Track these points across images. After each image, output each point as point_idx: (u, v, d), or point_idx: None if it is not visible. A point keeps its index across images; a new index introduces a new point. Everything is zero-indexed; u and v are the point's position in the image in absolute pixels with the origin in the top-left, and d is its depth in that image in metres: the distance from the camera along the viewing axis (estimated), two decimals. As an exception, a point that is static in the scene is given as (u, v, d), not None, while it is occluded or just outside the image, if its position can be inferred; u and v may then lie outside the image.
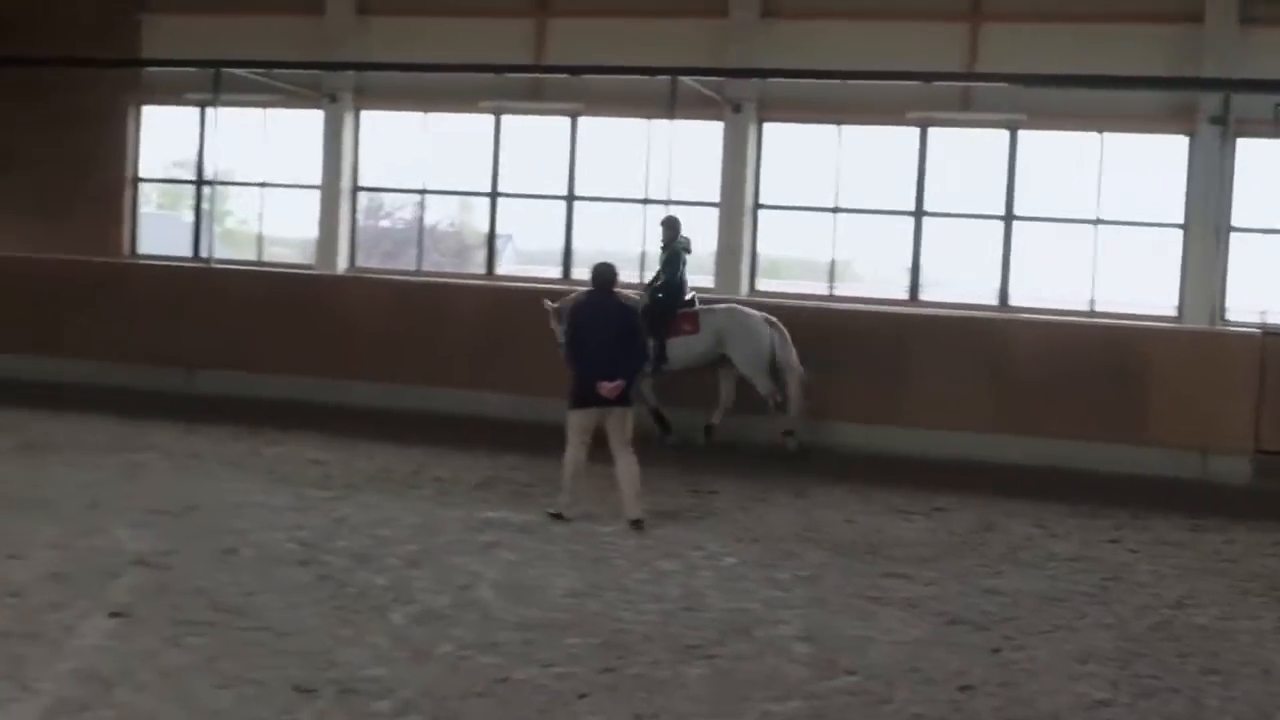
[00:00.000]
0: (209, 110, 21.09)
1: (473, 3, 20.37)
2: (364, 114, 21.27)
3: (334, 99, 20.88)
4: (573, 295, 14.79)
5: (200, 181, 21.87)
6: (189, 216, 22.49)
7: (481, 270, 21.09)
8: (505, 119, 20.73)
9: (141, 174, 22.45)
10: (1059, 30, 18.17)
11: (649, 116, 19.54)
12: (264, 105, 21.20)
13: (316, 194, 21.23)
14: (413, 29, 20.59)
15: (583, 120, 20.40)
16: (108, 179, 22.15)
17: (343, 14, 20.93)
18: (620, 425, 10.81)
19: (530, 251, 22.80)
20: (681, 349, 15.37)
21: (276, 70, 20.06)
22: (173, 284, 18.64)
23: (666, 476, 12.74)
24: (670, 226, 15.80)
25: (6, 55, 21.09)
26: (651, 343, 14.15)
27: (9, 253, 19.74)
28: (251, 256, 21.72)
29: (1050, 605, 8.85)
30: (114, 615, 7.32)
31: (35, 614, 7.25)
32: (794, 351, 15.15)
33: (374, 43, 20.71)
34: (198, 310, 18.07)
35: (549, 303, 15.09)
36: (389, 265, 21.57)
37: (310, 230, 21.62)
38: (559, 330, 14.12)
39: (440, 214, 22.47)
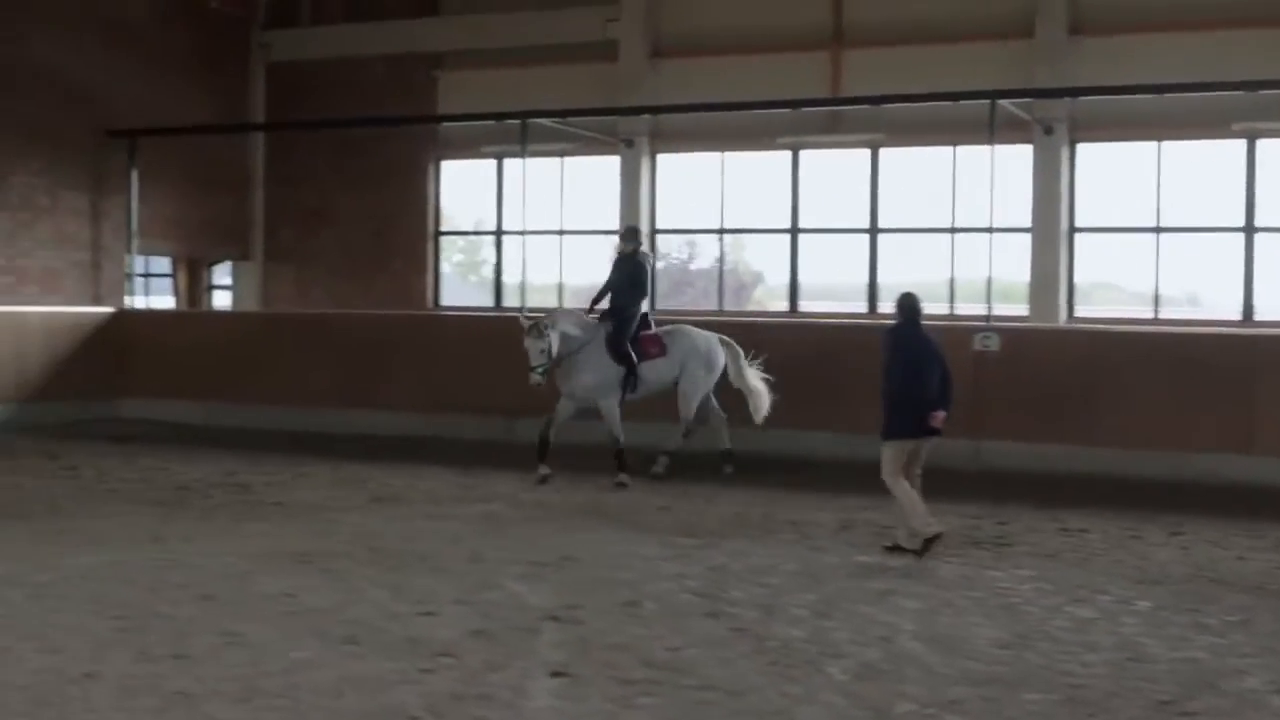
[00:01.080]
0: (506, 161, 21.45)
1: (765, 40, 20.23)
2: (660, 157, 21.27)
3: (630, 144, 20.93)
4: (557, 314, 14.70)
5: (500, 232, 22.16)
6: (485, 270, 22.84)
7: (758, 306, 20.86)
8: (803, 154, 20.48)
9: (442, 227, 22.90)
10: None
11: (952, 144, 19.06)
12: (560, 154, 21.39)
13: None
14: (703, 69, 20.57)
15: (884, 151, 20.02)
16: (410, 234, 22.65)
17: (635, 59, 20.98)
18: (923, 454, 10.86)
19: (818, 287, 22.47)
20: (651, 374, 14.53)
21: (573, 118, 20.25)
22: (486, 333, 18.83)
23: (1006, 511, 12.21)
24: (632, 237, 14.71)
25: (317, 119, 21.79)
26: (617, 372, 14.24)
27: (322, 309, 20.33)
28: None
29: None
30: (556, 675, 7.16)
31: (478, 675, 7.14)
32: (752, 372, 14.91)
33: (666, 86, 20.75)
34: (513, 359, 18.18)
35: (524, 319, 14.49)
36: (684, 305, 21.50)
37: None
38: (536, 348, 13.90)
39: (713, 253, 22.39)
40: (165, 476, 14.59)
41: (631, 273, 14.40)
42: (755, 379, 14.95)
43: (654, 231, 21.29)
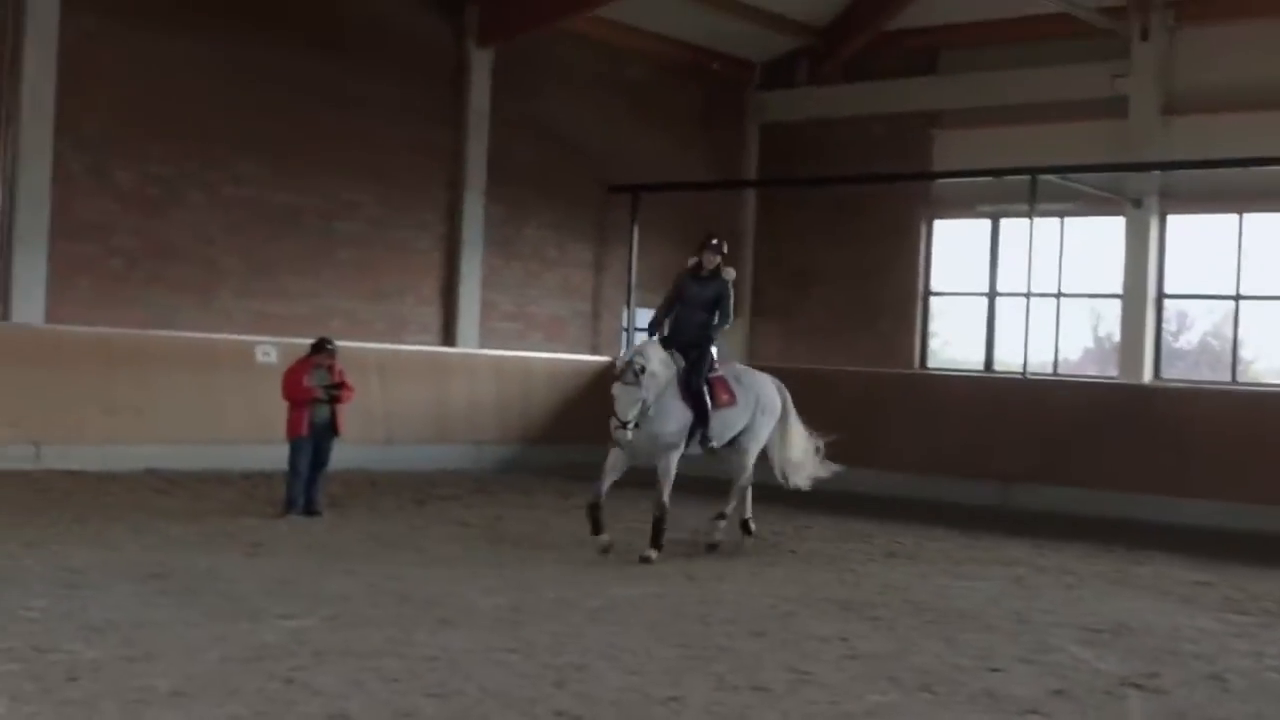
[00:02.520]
0: (1003, 221, 20.93)
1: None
2: (1170, 218, 20.22)
3: (1138, 204, 19.99)
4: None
5: (994, 294, 21.59)
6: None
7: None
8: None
9: (933, 288, 22.55)
10: None
11: None
12: (1062, 214, 20.66)
13: (1115, 303, 20.41)
14: (1218, 126, 19.50)
15: None
16: (900, 293, 22.42)
17: (1146, 115, 20.07)
18: None
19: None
20: (720, 425, 12.08)
21: (1076, 177, 19.54)
22: (984, 395, 18.33)
23: None
24: (716, 249, 12.13)
25: (815, 177, 21.95)
26: (690, 420, 11.80)
27: (809, 365, 20.32)
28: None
29: None
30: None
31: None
32: (799, 431, 13.12)
33: (1179, 143, 19.74)
34: (1013, 422, 17.62)
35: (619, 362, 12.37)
36: (1192, 376, 20.30)
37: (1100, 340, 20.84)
38: (629, 399, 11.42)
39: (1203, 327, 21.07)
40: (674, 519, 14.71)
41: (717, 295, 12.16)
42: (800, 442, 13.14)
43: (1161, 296, 20.19)
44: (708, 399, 11.99)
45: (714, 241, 12.23)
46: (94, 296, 16.84)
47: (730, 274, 12.21)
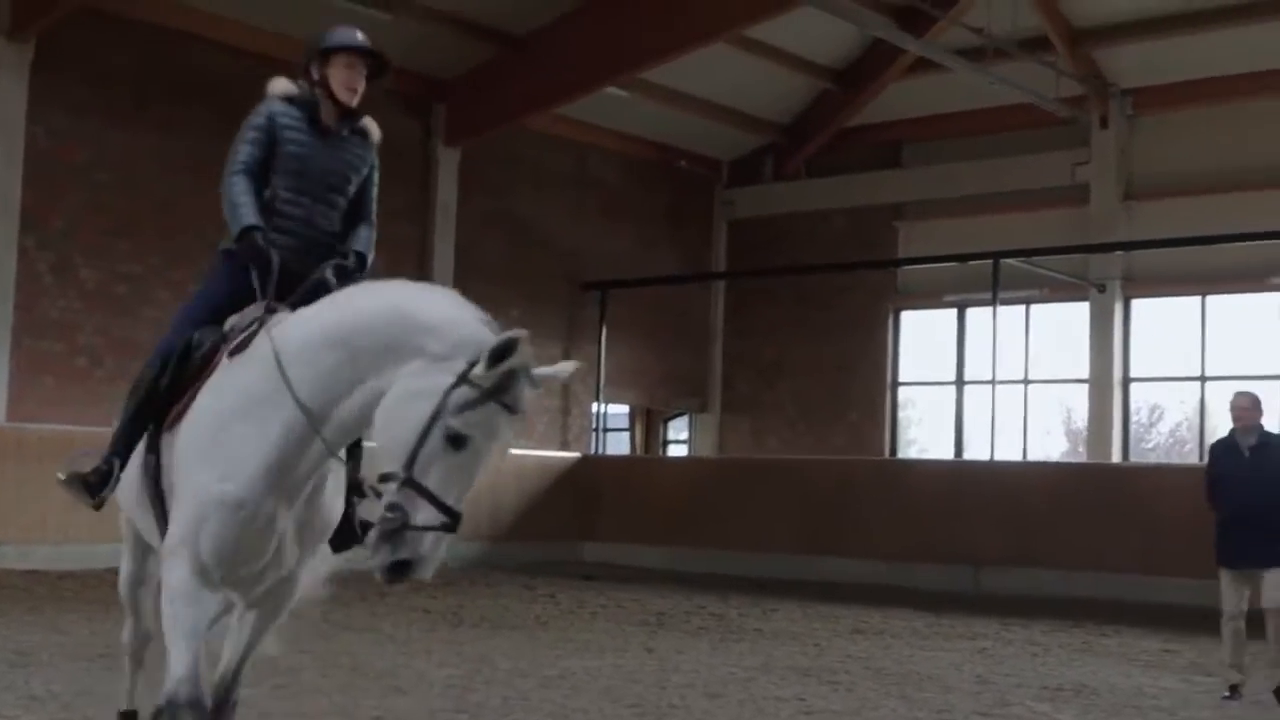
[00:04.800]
0: (969, 310, 21.08)
1: (1243, 178, 19.16)
2: (1134, 302, 20.36)
3: (1102, 289, 20.12)
4: None
5: (961, 382, 21.62)
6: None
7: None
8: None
9: (901, 378, 22.60)
10: None
11: None
12: (1027, 301, 20.78)
13: (1083, 388, 20.47)
14: (1179, 209, 19.68)
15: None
16: (868, 385, 22.46)
17: (1107, 201, 20.28)
18: None
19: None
20: None
21: (1041, 263, 19.72)
22: (952, 481, 18.29)
23: None
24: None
25: (780, 267, 22.13)
26: None
27: (780, 456, 20.32)
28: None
29: None
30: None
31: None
32: None
33: (1140, 228, 19.94)
34: (982, 506, 17.56)
35: None
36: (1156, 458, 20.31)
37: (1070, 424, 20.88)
38: None
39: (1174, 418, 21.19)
40: (640, 605, 14.64)
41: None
42: None
43: (1126, 380, 20.25)
44: None
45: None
46: (58, 395, 16.75)
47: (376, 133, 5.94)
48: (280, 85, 5.72)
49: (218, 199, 5.58)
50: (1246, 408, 9.75)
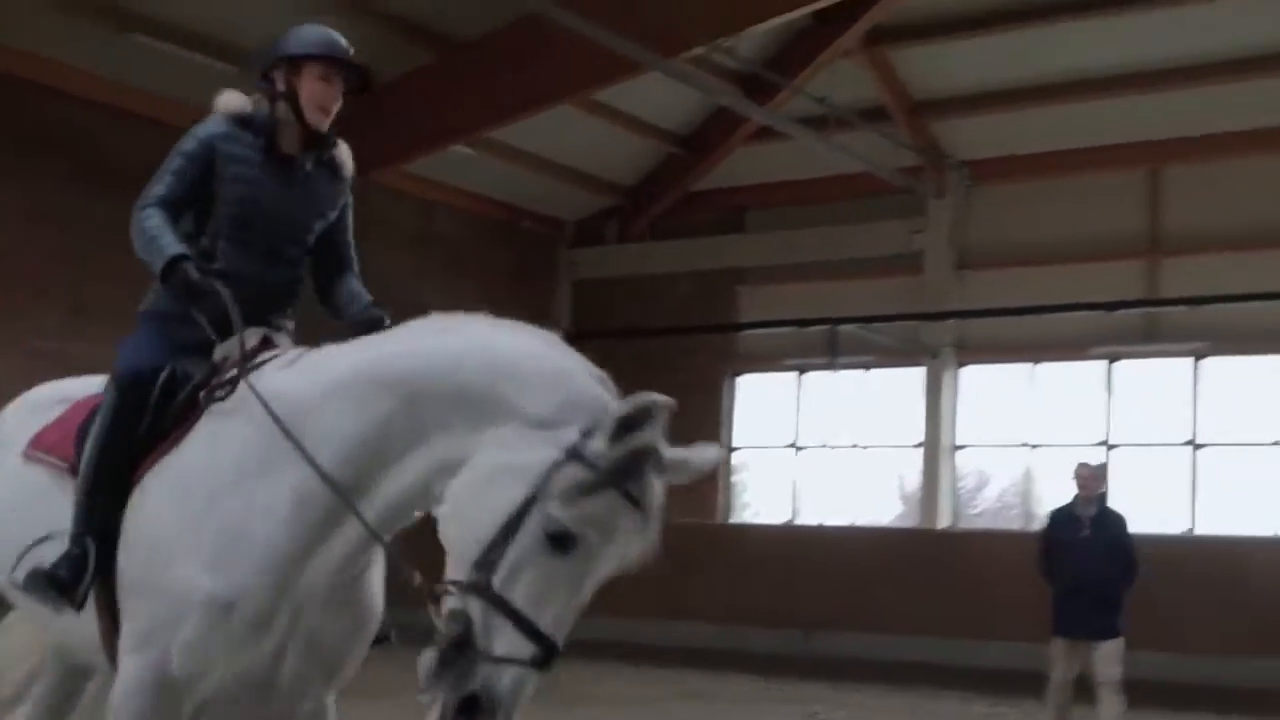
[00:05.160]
0: (807, 375, 21.36)
1: (1075, 250, 19.75)
2: (965, 370, 20.81)
3: (935, 355, 20.54)
4: None
5: (798, 446, 21.85)
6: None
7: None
8: (1117, 365, 19.76)
9: (735, 442, 22.74)
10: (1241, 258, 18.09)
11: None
12: (865, 366, 21.11)
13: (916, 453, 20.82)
14: (1011, 279, 20.18)
15: (1207, 362, 19.13)
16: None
17: (942, 269, 20.74)
18: None
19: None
20: None
21: (878, 330, 20.07)
22: (785, 545, 18.47)
23: None
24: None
25: (619, 329, 22.17)
26: None
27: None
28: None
29: None
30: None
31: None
32: None
33: (973, 296, 20.40)
34: (813, 570, 17.75)
35: None
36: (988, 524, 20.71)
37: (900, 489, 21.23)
38: None
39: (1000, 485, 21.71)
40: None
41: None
42: None
43: (955, 447, 20.65)
44: None
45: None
46: None
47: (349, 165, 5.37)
48: (230, 100, 4.57)
49: (52, 251, 5.01)
50: (1090, 477, 9.97)
